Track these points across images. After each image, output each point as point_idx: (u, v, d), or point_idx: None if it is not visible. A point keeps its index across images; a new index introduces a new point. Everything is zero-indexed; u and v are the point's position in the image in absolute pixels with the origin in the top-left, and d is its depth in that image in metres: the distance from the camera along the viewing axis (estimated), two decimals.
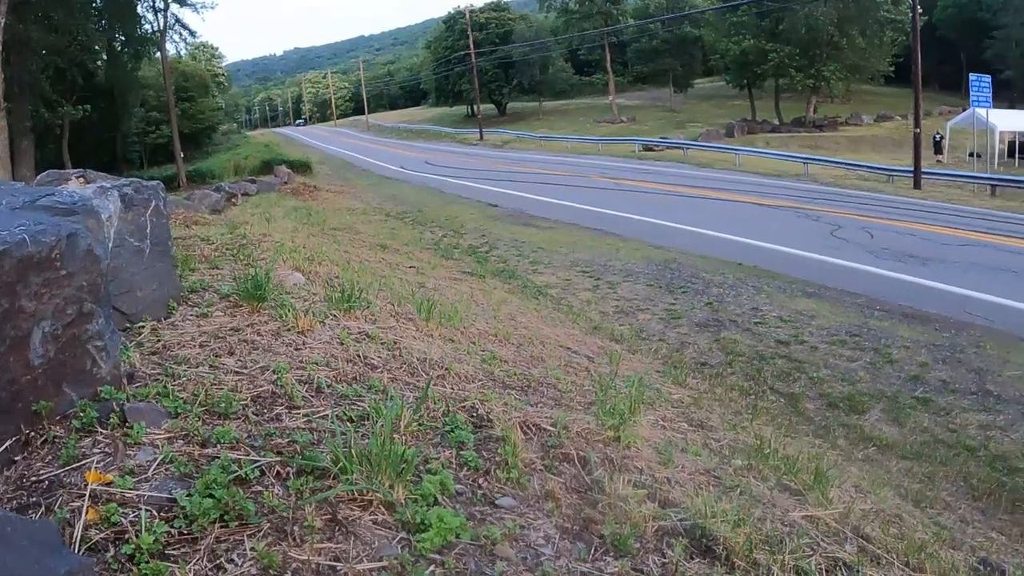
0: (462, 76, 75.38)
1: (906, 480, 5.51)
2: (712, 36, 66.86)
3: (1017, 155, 42.93)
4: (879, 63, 62.25)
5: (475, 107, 73.09)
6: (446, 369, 4.25)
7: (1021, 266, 13.36)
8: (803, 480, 3.97)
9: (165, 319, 4.12)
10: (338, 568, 2.17)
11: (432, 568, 2.26)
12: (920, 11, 31.18)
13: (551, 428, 3.55)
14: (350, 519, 2.41)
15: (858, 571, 2.89)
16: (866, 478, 5.02)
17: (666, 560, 2.66)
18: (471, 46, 68.51)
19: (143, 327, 3.89)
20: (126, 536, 2.07)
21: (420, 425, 3.22)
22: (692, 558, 2.71)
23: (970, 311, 9.98)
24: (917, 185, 29.89)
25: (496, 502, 2.78)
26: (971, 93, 35.46)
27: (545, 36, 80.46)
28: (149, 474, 2.41)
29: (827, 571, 2.85)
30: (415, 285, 8.28)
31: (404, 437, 3.02)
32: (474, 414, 3.51)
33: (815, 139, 51.85)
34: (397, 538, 2.38)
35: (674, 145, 44.56)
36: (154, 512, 2.21)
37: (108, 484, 2.30)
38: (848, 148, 47.00)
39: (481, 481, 2.90)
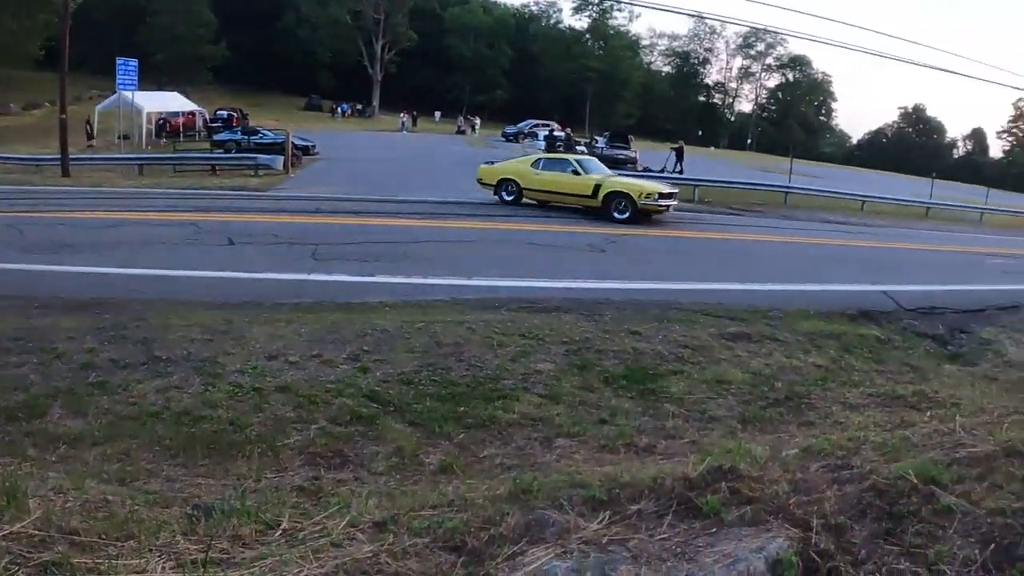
0: None
1: (105, 464, 5.48)
2: None
3: (164, 134, 45.32)
4: (30, 47, 58.85)
5: None
6: None
7: (163, 237, 14.31)
8: None
9: None
10: None
11: None
12: None
13: None
14: None
15: (69, 564, 2.88)
16: (66, 477, 4.90)
17: None
18: None
19: None
20: None
21: None
22: None
23: (128, 288, 10.34)
24: (66, 172, 29.59)
25: None
26: (118, 77, 36.25)
27: None
28: None
29: None
30: None
31: None
32: None
33: None
34: None
35: None
36: None
37: None
38: None
39: None
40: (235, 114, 51.52)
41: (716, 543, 2.90)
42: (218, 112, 52.02)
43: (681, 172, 36.37)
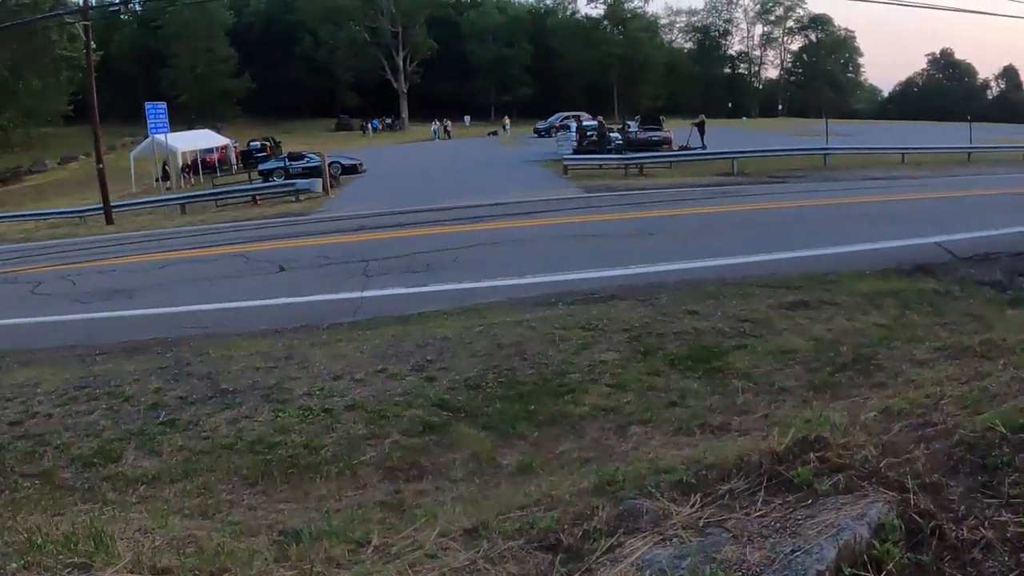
0: None
1: (185, 500, 5.54)
2: None
3: (201, 172, 45.87)
4: (57, 103, 60.30)
5: None
6: None
7: (213, 272, 14.47)
8: (86, 550, 3.77)
9: None
10: None
11: None
12: (95, 47, 30.98)
13: None
14: None
15: None
16: (148, 517, 4.95)
17: None
18: None
19: None
20: None
21: None
22: None
23: (185, 325, 10.48)
24: (110, 220, 30.10)
25: None
26: (149, 121, 36.86)
27: None
28: None
29: None
30: None
31: None
32: None
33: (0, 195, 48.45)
34: None
35: None
36: None
37: None
38: (34, 198, 45.23)
39: None
40: (268, 143, 52.06)
41: (816, 514, 2.83)
42: (251, 143, 52.59)
43: (704, 147, 36.04)
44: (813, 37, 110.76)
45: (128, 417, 7.29)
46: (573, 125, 45.76)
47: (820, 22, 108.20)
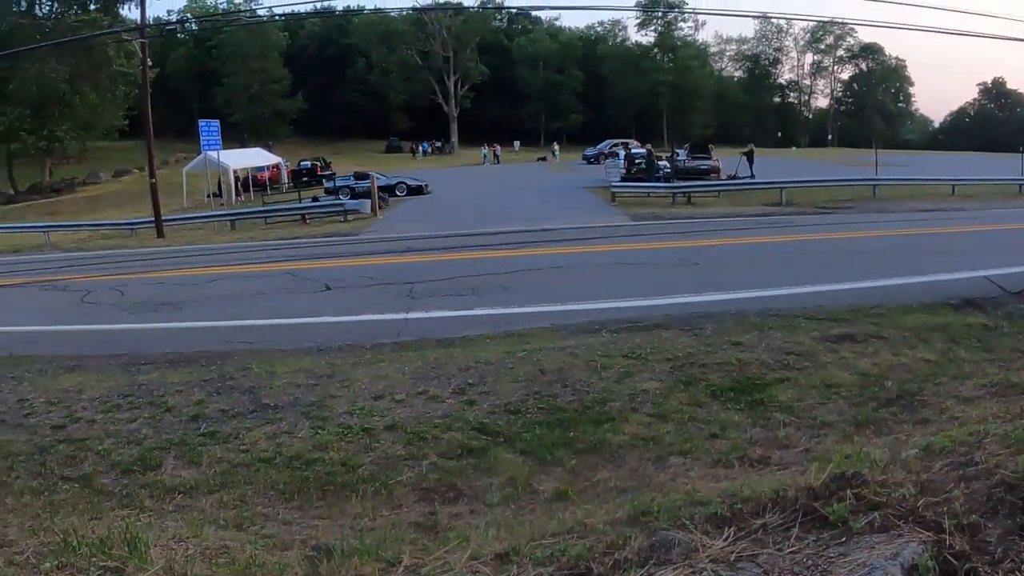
0: None
1: (221, 511, 5.60)
2: None
3: (251, 189, 46.63)
4: (113, 118, 61.78)
5: None
6: None
7: (260, 289, 14.64)
8: (120, 554, 3.83)
9: None
10: None
11: None
12: (151, 64, 31.72)
13: None
14: None
15: None
16: (184, 525, 5.01)
17: None
18: None
19: None
20: None
21: None
22: None
23: (230, 339, 10.61)
24: (161, 233, 30.65)
25: None
26: (202, 138, 37.59)
27: None
28: None
29: None
30: None
31: None
32: None
33: (54, 205, 49.98)
34: None
35: None
36: None
37: None
38: (88, 209, 46.19)
39: None
40: (318, 163, 52.83)
41: (848, 553, 2.78)
42: (301, 163, 53.41)
43: (752, 176, 35.94)
44: (864, 66, 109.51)
45: (169, 427, 7.39)
46: (622, 152, 45.85)
47: (871, 51, 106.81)
